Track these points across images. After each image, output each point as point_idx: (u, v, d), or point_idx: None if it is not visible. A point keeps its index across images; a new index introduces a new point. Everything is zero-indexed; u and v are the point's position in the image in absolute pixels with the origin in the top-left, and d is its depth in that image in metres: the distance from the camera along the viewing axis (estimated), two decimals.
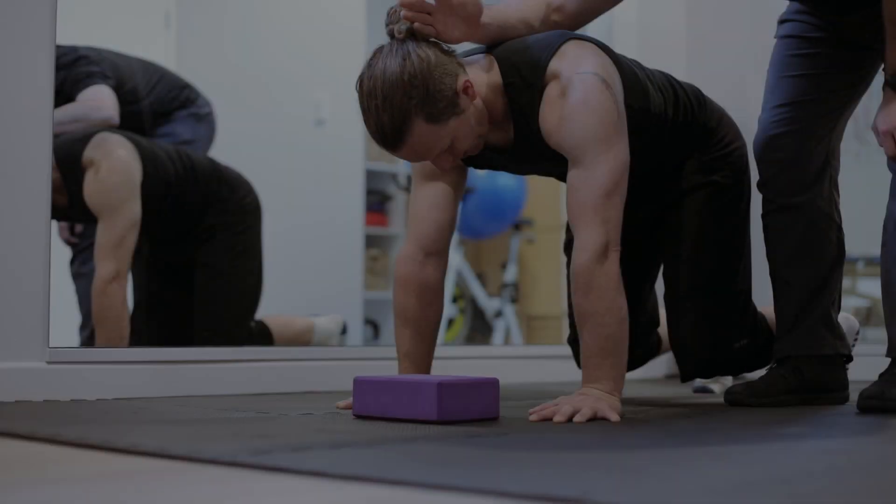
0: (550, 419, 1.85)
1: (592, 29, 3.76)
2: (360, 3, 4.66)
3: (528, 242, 5.96)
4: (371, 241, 5.34)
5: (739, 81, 3.79)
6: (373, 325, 4.95)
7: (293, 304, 4.42)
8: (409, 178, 4.83)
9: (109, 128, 3.08)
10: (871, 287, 5.63)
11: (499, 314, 5.70)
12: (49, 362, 2.30)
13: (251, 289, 3.28)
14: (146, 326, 3.24)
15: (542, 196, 5.70)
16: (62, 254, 3.47)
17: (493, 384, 1.93)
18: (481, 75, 2.03)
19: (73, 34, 3.32)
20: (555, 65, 1.98)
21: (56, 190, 2.89)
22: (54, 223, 3.11)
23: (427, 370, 2.22)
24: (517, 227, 5.79)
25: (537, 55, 2.01)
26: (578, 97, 1.93)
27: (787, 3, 2.32)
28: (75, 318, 3.44)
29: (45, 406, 2.15)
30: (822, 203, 2.26)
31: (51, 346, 2.31)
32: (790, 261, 2.28)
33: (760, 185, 2.30)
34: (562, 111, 1.95)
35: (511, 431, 1.72)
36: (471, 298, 5.89)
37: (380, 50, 1.96)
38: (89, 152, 2.92)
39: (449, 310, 5.59)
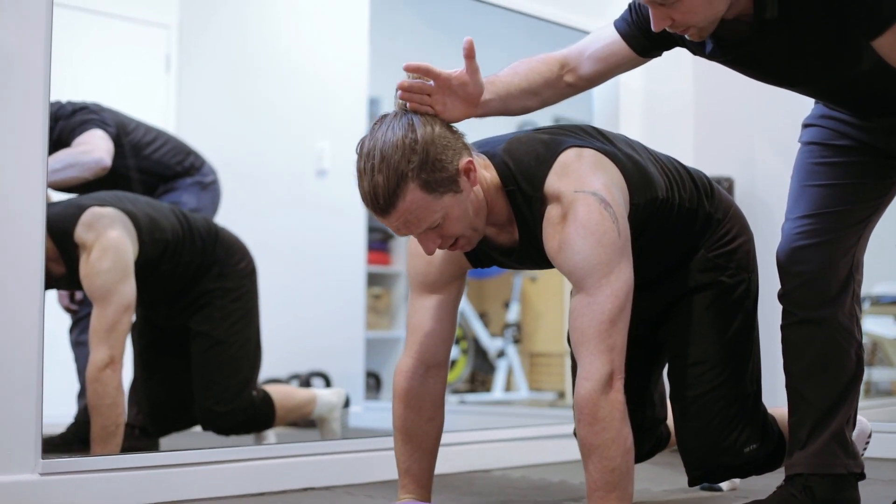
0: None
1: (598, 98, 3.73)
2: (362, 52, 4.59)
3: (530, 281, 5.91)
4: (373, 280, 5.29)
5: (748, 150, 3.72)
6: (374, 378, 4.91)
7: (297, 348, 4.39)
8: None
9: (100, 203, 2.94)
10: (875, 325, 5.58)
11: (501, 354, 5.65)
12: (42, 474, 2.25)
13: (251, 355, 3.22)
14: (144, 403, 3.20)
15: None
16: (61, 321, 3.43)
17: None
18: (482, 171, 1.97)
19: (76, 78, 3.27)
20: (553, 183, 1.93)
21: (53, 259, 2.83)
22: (52, 295, 3.05)
23: (428, 486, 2.18)
24: None
25: (535, 168, 1.96)
26: (577, 221, 1.88)
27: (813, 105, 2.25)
28: (74, 385, 3.40)
29: None
30: (844, 318, 2.19)
31: (43, 456, 2.27)
32: (807, 376, 2.20)
33: (781, 297, 2.23)
34: (562, 236, 1.90)
35: None
36: (473, 339, 5.84)
37: (384, 116, 1.92)
38: (80, 232, 2.82)
39: (452, 351, 5.54)
